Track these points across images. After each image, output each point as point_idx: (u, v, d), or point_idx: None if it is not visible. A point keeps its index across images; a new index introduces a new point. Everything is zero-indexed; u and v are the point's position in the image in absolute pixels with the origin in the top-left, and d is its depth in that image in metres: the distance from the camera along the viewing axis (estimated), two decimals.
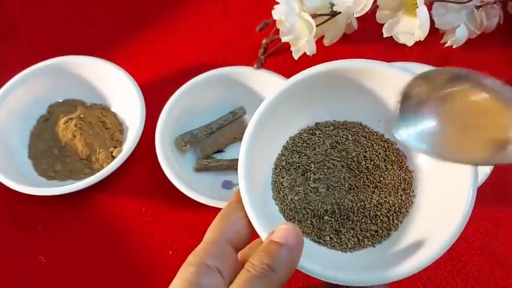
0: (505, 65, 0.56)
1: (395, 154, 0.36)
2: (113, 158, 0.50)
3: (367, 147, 0.36)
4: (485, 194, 0.45)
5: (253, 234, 0.32)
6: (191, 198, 0.45)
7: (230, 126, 0.51)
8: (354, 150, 0.36)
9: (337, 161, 0.36)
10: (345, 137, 0.37)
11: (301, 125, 0.37)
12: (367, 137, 0.37)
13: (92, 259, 0.46)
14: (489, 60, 0.57)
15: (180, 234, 0.47)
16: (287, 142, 0.37)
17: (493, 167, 0.44)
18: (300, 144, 0.36)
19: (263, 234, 0.31)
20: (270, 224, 0.31)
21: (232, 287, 0.27)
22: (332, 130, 0.37)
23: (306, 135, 0.37)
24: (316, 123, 0.37)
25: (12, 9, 0.66)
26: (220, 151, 0.51)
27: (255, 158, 0.34)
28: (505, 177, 0.47)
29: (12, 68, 0.54)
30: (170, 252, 0.46)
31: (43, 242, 0.47)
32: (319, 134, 0.37)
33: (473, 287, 0.43)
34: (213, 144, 0.50)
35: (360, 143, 0.36)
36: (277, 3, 0.52)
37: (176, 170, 0.47)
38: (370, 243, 0.34)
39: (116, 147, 0.51)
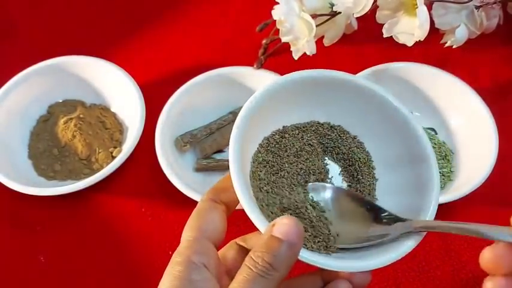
0: (505, 65, 0.56)
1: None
2: (113, 158, 0.50)
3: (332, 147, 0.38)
4: (485, 194, 0.45)
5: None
6: (191, 198, 0.45)
7: (230, 126, 0.50)
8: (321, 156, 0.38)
9: (306, 164, 0.37)
10: (310, 139, 0.38)
11: (274, 127, 0.38)
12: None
13: (92, 259, 0.46)
14: (489, 60, 0.57)
15: (180, 234, 0.47)
16: (262, 141, 0.38)
17: (492, 167, 0.44)
18: (273, 145, 0.37)
19: (261, 227, 0.31)
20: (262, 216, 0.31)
21: (233, 284, 0.27)
22: (298, 133, 0.38)
23: (277, 137, 0.38)
24: (284, 127, 0.38)
25: (12, 9, 0.66)
26: (220, 151, 0.51)
27: (241, 155, 0.34)
28: (505, 177, 0.48)
29: (12, 68, 0.54)
30: (170, 252, 0.46)
31: (43, 242, 0.47)
32: (288, 137, 0.38)
33: (473, 287, 0.43)
34: (212, 144, 0.50)
35: (324, 144, 0.38)
36: (277, 3, 0.52)
37: (176, 170, 0.47)
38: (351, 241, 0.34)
39: (115, 148, 0.51)
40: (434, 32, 0.53)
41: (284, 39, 0.52)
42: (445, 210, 0.46)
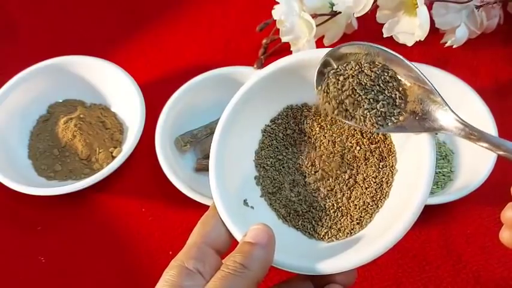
0: (506, 65, 0.56)
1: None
2: (113, 158, 0.50)
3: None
4: (485, 194, 0.45)
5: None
6: (191, 198, 0.45)
7: None
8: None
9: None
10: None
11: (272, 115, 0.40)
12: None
13: (92, 259, 0.46)
14: (489, 60, 0.57)
15: (180, 235, 0.47)
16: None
17: (492, 167, 0.44)
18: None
19: (238, 236, 0.33)
20: (246, 226, 0.32)
21: (208, 285, 0.28)
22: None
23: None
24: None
25: (12, 9, 0.66)
26: None
27: (228, 159, 0.36)
28: (505, 177, 0.47)
29: (12, 68, 0.54)
30: (170, 253, 0.46)
31: (43, 242, 0.47)
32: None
33: (473, 287, 0.43)
34: None
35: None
36: (277, 3, 0.52)
37: (176, 170, 0.47)
38: (344, 236, 0.35)
39: (115, 147, 0.51)
40: (435, 32, 0.54)
41: (284, 39, 0.52)
42: (445, 210, 0.46)
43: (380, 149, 0.36)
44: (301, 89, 0.38)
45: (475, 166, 0.46)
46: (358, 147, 0.36)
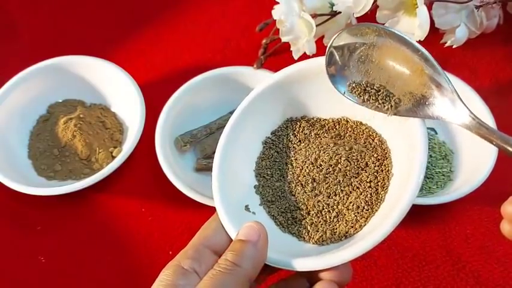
0: (505, 65, 0.56)
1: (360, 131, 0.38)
2: (113, 158, 0.50)
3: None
4: (485, 194, 0.45)
5: None
6: (191, 198, 0.45)
7: None
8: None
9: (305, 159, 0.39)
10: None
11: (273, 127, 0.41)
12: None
13: (92, 259, 0.46)
14: (489, 60, 0.57)
15: (180, 234, 0.47)
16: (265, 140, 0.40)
17: (492, 167, 0.44)
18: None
19: (232, 234, 0.33)
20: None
21: (200, 284, 0.29)
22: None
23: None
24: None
25: (13, 9, 0.66)
26: None
27: (231, 166, 0.37)
28: (505, 177, 0.47)
29: (12, 68, 0.54)
30: (170, 252, 0.46)
31: (43, 242, 0.47)
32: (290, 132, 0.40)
33: (473, 287, 0.43)
34: (212, 144, 0.50)
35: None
36: (277, 3, 0.52)
37: (176, 170, 0.47)
38: (338, 239, 0.35)
39: (115, 147, 0.51)
40: (434, 32, 0.53)
41: (284, 39, 0.52)
42: (445, 210, 0.46)
43: (376, 154, 0.36)
44: (301, 101, 0.39)
45: (474, 166, 0.46)
46: (353, 153, 0.36)
